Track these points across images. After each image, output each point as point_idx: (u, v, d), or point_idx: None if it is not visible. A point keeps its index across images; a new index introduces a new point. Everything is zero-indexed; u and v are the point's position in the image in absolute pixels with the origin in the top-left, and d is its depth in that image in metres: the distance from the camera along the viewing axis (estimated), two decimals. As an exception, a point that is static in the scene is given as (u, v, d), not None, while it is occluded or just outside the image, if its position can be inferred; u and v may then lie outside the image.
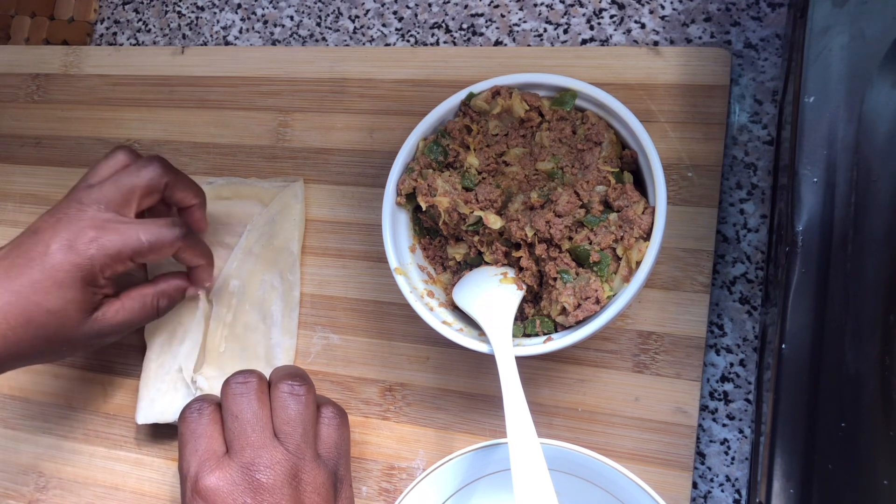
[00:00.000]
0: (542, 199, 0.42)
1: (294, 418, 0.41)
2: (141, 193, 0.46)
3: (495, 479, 0.43)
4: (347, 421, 0.45)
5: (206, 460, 0.40)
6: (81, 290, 0.44)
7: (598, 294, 0.40)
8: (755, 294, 0.46)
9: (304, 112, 0.56)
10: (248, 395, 0.42)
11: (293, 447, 0.40)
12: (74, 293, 0.44)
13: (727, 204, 0.48)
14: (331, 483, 0.41)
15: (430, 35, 0.56)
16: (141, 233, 0.45)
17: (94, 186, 0.46)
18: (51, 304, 0.43)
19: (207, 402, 0.43)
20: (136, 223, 0.46)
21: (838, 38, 0.35)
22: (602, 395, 0.46)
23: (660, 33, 0.51)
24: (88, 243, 0.44)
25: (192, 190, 0.49)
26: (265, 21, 0.60)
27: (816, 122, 0.35)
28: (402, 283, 0.44)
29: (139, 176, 0.46)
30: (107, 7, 0.64)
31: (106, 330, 0.46)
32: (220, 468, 0.39)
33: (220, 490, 0.39)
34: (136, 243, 0.45)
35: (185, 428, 0.42)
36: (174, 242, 0.46)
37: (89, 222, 0.44)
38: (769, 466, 0.33)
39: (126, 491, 0.53)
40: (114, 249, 0.44)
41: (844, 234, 0.33)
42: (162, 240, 0.46)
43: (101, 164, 0.48)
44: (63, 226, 0.44)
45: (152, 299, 0.48)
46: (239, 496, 0.38)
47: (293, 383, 0.43)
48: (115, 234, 0.44)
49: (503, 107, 0.44)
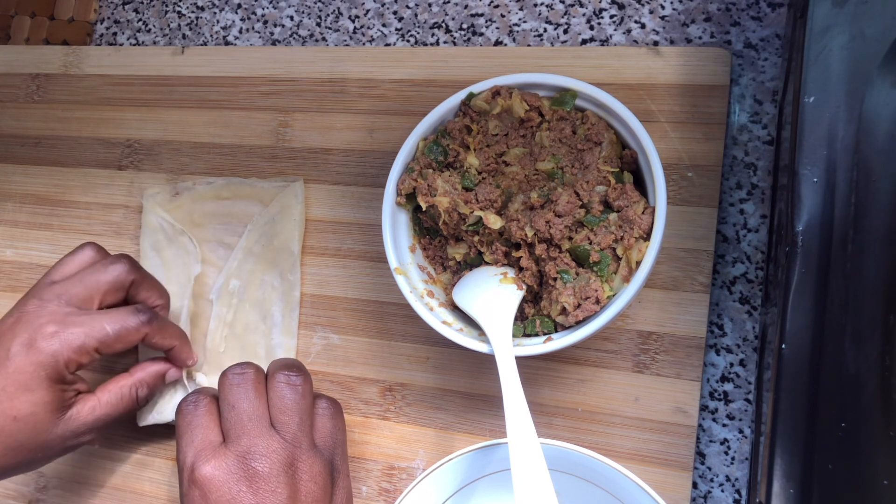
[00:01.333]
0: (542, 199, 0.42)
1: (290, 408, 0.41)
2: (105, 290, 0.46)
3: (495, 479, 0.43)
4: (342, 412, 0.45)
5: (203, 450, 0.40)
6: (49, 389, 0.42)
7: (598, 294, 0.40)
8: (755, 294, 0.46)
9: (304, 112, 0.56)
10: (244, 385, 0.42)
11: (290, 436, 0.40)
12: (41, 394, 0.42)
13: (727, 204, 0.48)
14: (327, 472, 0.41)
15: (430, 35, 0.56)
16: (105, 322, 0.44)
17: (56, 283, 0.46)
18: (17, 410, 0.42)
19: (204, 394, 0.43)
20: (99, 314, 0.45)
21: (838, 38, 0.35)
22: (602, 395, 0.46)
23: (660, 33, 0.51)
24: (50, 339, 0.42)
25: (156, 290, 0.49)
26: (265, 21, 0.60)
27: (816, 122, 0.35)
28: (402, 283, 0.44)
29: (105, 273, 0.46)
30: (107, 7, 0.64)
31: (82, 429, 0.44)
32: (217, 457, 0.39)
33: (217, 479, 0.39)
34: (101, 334, 0.44)
35: (182, 420, 0.42)
36: (140, 328, 0.45)
37: (48, 318, 0.43)
38: (769, 466, 0.33)
39: (126, 491, 0.53)
40: (77, 342, 0.43)
41: (844, 234, 0.33)
42: (127, 327, 0.45)
43: (67, 260, 0.47)
44: (22, 325, 0.43)
45: (130, 390, 0.47)
46: (235, 485, 0.38)
47: (289, 373, 0.43)
48: (77, 327, 0.43)
49: (503, 107, 0.44)
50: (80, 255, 0.48)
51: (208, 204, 0.55)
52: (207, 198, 0.55)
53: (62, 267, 0.47)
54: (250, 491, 0.38)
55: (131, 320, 0.45)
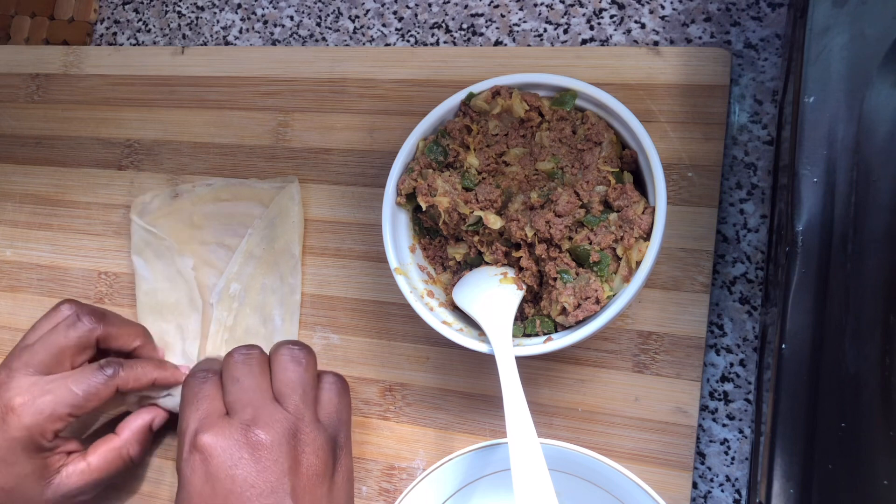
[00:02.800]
0: (542, 199, 0.42)
1: (294, 380, 0.42)
2: (72, 353, 0.46)
3: (495, 479, 0.43)
4: (348, 390, 0.45)
5: (206, 418, 0.40)
6: (29, 460, 0.43)
7: (598, 294, 0.40)
8: (755, 294, 0.46)
9: (304, 112, 0.56)
10: (249, 362, 0.42)
11: (292, 408, 0.41)
12: (22, 466, 0.43)
13: (727, 204, 0.48)
14: (330, 447, 0.41)
15: (430, 35, 0.56)
16: (71, 384, 0.44)
17: (27, 347, 0.45)
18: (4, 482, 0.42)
19: (211, 371, 0.43)
20: (64, 377, 0.44)
21: (838, 38, 0.35)
22: (602, 395, 0.46)
23: (660, 33, 0.51)
24: (20, 413, 0.43)
25: (129, 333, 0.49)
26: (265, 21, 0.60)
27: (816, 122, 0.35)
28: (402, 283, 0.44)
29: (67, 336, 0.46)
30: (107, 7, 0.64)
31: (74, 492, 0.45)
32: (220, 426, 0.39)
33: (218, 445, 0.39)
34: (70, 398, 0.44)
35: (188, 391, 0.42)
36: (108, 383, 0.45)
37: (17, 390, 0.43)
38: (769, 466, 0.33)
39: (126, 491, 0.53)
40: (48, 411, 0.43)
41: (844, 234, 0.33)
42: (95, 385, 0.45)
43: (42, 321, 0.47)
44: None
45: (120, 453, 0.47)
46: (237, 451, 0.38)
47: (293, 348, 0.43)
48: (45, 395, 0.43)
49: (503, 107, 0.44)
50: (54, 315, 0.47)
51: (208, 206, 0.55)
52: (207, 200, 0.55)
53: (35, 329, 0.47)
54: (252, 459, 0.38)
55: (97, 378, 0.45)
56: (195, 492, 0.38)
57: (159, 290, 0.54)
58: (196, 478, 0.38)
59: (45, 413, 0.43)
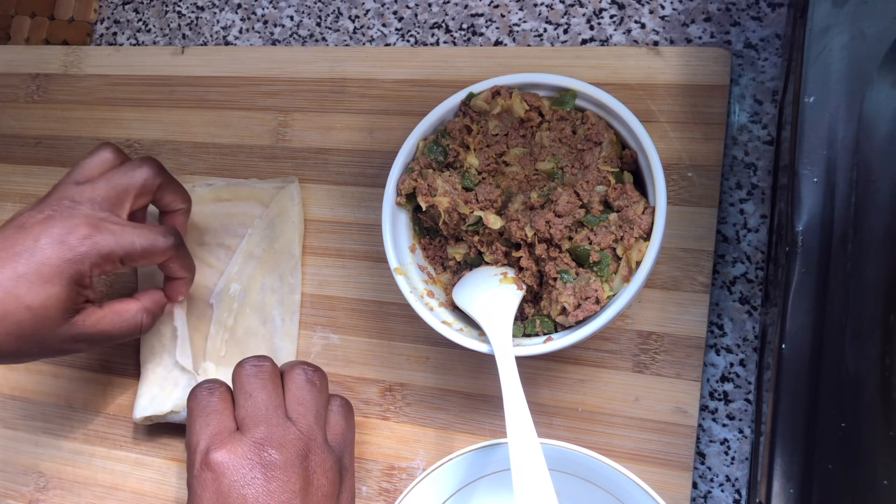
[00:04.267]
0: (542, 199, 0.42)
1: (308, 401, 0.42)
2: (135, 194, 0.46)
3: (495, 479, 0.43)
4: (353, 413, 0.45)
5: (218, 434, 0.40)
6: (67, 287, 0.42)
7: (598, 294, 0.40)
8: (755, 294, 0.46)
9: (304, 112, 0.56)
10: (262, 376, 0.42)
11: (305, 428, 0.41)
12: (59, 290, 0.42)
13: (727, 204, 0.48)
14: (337, 469, 0.41)
15: (430, 35, 0.56)
16: (136, 237, 0.44)
17: (83, 184, 0.45)
18: (31, 300, 0.41)
19: (218, 382, 0.43)
20: (132, 226, 0.45)
21: (838, 38, 0.35)
22: (602, 395, 0.46)
23: (660, 33, 0.51)
24: (81, 240, 0.42)
25: (181, 195, 0.49)
26: (265, 21, 0.60)
27: (816, 122, 0.35)
28: (402, 283, 0.44)
29: (134, 176, 0.46)
30: (107, 7, 0.64)
31: (82, 336, 0.44)
32: (232, 443, 0.39)
33: (231, 464, 0.38)
34: (130, 246, 0.44)
35: (196, 404, 0.42)
36: (166, 251, 0.46)
37: (83, 220, 0.43)
38: (769, 466, 0.33)
39: (126, 491, 0.53)
40: (107, 249, 0.43)
41: (844, 234, 0.33)
42: (155, 247, 0.45)
43: (87, 162, 0.47)
44: (55, 222, 0.43)
45: (135, 315, 0.47)
46: (249, 471, 0.38)
47: (308, 369, 0.43)
48: (109, 235, 0.43)
49: (503, 107, 0.44)
50: (98, 156, 0.47)
51: (208, 206, 0.55)
52: (207, 200, 0.55)
53: (83, 168, 0.46)
54: (264, 479, 0.38)
55: (160, 241, 0.45)
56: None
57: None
58: (207, 495, 0.38)
59: (105, 251, 0.43)
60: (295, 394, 0.42)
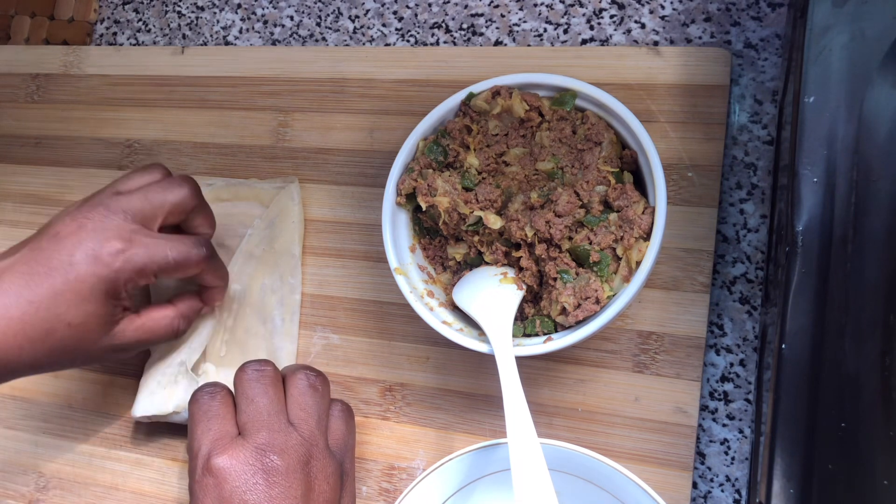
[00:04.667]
0: (542, 199, 0.42)
1: (311, 406, 0.42)
2: (168, 210, 0.45)
3: (495, 479, 0.43)
4: (354, 417, 0.45)
5: (219, 439, 0.40)
6: (104, 303, 0.43)
7: (598, 294, 0.40)
8: (755, 294, 0.46)
9: (304, 112, 0.56)
10: (263, 381, 0.42)
11: (307, 434, 0.41)
12: (96, 307, 0.42)
13: (727, 204, 0.48)
14: (339, 474, 0.41)
15: (430, 35, 0.56)
16: (168, 249, 0.44)
17: (122, 195, 0.45)
18: (72, 317, 0.42)
19: (219, 386, 0.43)
20: (164, 238, 0.45)
21: (838, 38, 0.35)
22: (602, 395, 0.46)
23: (660, 33, 0.51)
24: (115, 255, 0.42)
25: (209, 220, 0.49)
26: (265, 21, 0.60)
27: (816, 122, 0.35)
28: (402, 283, 0.44)
29: (172, 193, 0.46)
30: (107, 7, 0.64)
31: (122, 346, 0.45)
32: (234, 448, 0.39)
33: (233, 469, 0.39)
34: (163, 259, 0.44)
35: (197, 408, 0.42)
36: (199, 263, 0.46)
37: (115, 232, 0.43)
38: (769, 466, 0.33)
39: (126, 491, 0.53)
40: (140, 263, 0.43)
41: (844, 234, 0.33)
42: (189, 259, 0.45)
43: (135, 175, 0.47)
44: (88, 233, 0.43)
45: (172, 321, 0.47)
46: (251, 477, 0.38)
47: (310, 373, 0.43)
48: (141, 248, 0.43)
49: (503, 107, 0.44)
50: (148, 173, 0.47)
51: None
52: (207, 200, 0.55)
53: (129, 180, 0.46)
54: (266, 484, 0.38)
55: (194, 253, 0.45)
56: None
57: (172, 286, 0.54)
58: (209, 501, 0.39)
59: (138, 265, 0.43)
60: (297, 399, 0.42)
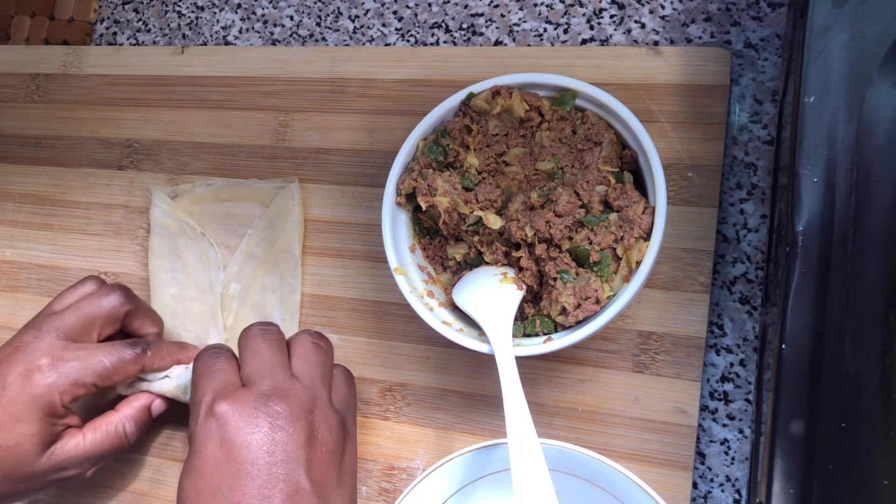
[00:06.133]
0: (542, 199, 0.42)
1: (313, 361, 0.42)
2: (102, 322, 0.46)
3: (495, 479, 0.43)
4: (354, 382, 0.45)
5: (224, 387, 0.40)
6: (39, 422, 0.43)
7: (598, 294, 0.40)
8: (755, 294, 0.46)
9: (304, 112, 0.56)
10: (269, 337, 0.42)
11: (310, 385, 0.41)
12: (30, 426, 0.43)
13: (727, 204, 0.48)
14: (342, 429, 0.41)
15: (430, 35, 0.56)
16: (101, 356, 0.45)
17: (55, 314, 0.46)
18: (4, 440, 0.42)
19: (223, 347, 0.43)
20: (96, 347, 0.45)
21: (838, 38, 0.35)
22: (602, 395, 0.46)
23: (660, 33, 0.51)
24: (47, 372, 0.43)
25: (150, 318, 0.49)
26: (265, 21, 0.60)
27: (816, 122, 0.35)
28: (402, 283, 0.44)
29: (100, 305, 0.46)
30: (107, 7, 0.64)
31: (65, 464, 0.44)
32: (238, 394, 0.39)
33: (236, 412, 0.38)
34: (99, 367, 0.44)
35: (202, 364, 0.42)
36: (136, 360, 0.46)
37: (46, 350, 0.44)
38: (769, 466, 0.33)
39: (126, 491, 0.53)
40: (74, 376, 0.44)
41: (844, 234, 0.33)
42: (124, 360, 0.45)
43: (68, 292, 0.48)
44: (20, 356, 0.44)
45: (116, 427, 0.46)
46: (254, 419, 0.38)
47: (314, 333, 0.43)
48: (74, 361, 0.44)
49: (503, 107, 0.44)
50: (80, 287, 0.48)
51: (208, 206, 0.55)
52: (207, 200, 0.55)
53: (63, 298, 0.48)
54: (269, 428, 0.38)
55: (128, 352, 0.45)
56: (208, 457, 0.38)
57: (188, 297, 0.54)
58: (211, 443, 0.38)
59: (71, 378, 0.43)
60: (301, 355, 0.42)
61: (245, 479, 0.37)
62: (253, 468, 0.37)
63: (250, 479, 0.37)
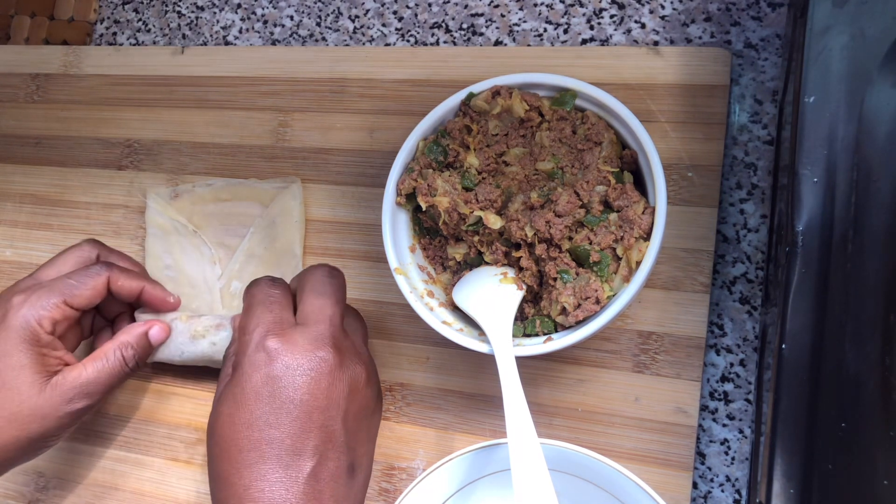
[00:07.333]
0: (542, 199, 0.42)
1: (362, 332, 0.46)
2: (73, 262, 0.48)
3: (495, 479, 0.43)
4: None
5: (280, 322, 0.40)
6: (27, 352, 0.44)
7: (598, 294, 0.40)
8: (755, 294, 0.46)
9: (304, 112, 0.56)
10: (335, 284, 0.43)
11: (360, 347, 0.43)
12: (19, 358, 0.44)
13: (727, 204, 0.48)
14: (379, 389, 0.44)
15: (430, 35, 0.56)
16: (67, 277, 0.47)
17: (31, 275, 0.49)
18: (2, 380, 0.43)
19: (279, 279, 0.44)
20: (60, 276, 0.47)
21: (838, 38, 0.35)
22: (602, 395, 0.46)
23: (660, 33, 0.51)
24: (19, 307, 0.45)
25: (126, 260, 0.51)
26: (265, 21, 0.60)
27: (816, 122, 0.35)
28: (402, 283, 0.44)
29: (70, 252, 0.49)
30: (107, 7, 0.64)
31: (70, 394, 0.45)
32: (292, 333, 0.40)
33: (288, 350, 0.39)
34: (64, 286, 0.46)
35: (258, 290, 0.42)
36: (101, 272, 0.47)
37: (19, 290, 0.46)
38: (769, 466, 0.33)
39: (126, 491, 0.53)
40: (44, 299, 0.45)
41: (844, 234, 0.33)
42: (88, 273, 0.47)
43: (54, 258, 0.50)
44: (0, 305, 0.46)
45: (114, 353, 0.47)
46: (304, 361, 0.39)
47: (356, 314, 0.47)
48: (43, 289, 0.46)
49: (503, 107, 0.44)
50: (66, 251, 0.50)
51: (208, 206, 0.55)
52: (207, 200, 0.55)
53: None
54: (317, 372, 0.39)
55: (90, 270, 0.47)
56: (251, 389, 0.39)
57: (182, 293, 0.53)
58: (257, 376, 0.39)
59: (41, 302, 0.45)
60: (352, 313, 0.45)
61: (285, 417, 0.38)
62: (295, 408, 0.38)
63: (290, 418, 0.38)
